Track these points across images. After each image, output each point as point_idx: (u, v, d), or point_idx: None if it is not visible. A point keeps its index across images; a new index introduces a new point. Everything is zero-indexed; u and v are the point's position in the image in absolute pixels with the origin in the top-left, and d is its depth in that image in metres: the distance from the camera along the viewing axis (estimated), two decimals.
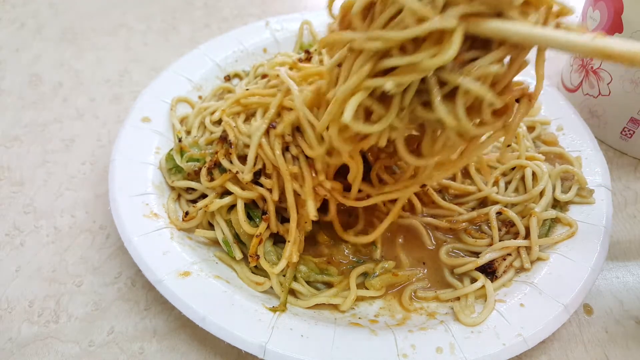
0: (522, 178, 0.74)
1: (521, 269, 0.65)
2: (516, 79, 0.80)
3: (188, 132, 0.79)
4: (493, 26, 0.46)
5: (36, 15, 1.13)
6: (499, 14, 0.46)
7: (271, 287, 0.63)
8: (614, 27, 0.75)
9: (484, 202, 0.74)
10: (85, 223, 0.73)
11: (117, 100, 0.94)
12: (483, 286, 0.62)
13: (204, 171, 0.70)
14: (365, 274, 0.66)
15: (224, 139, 0.70)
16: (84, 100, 0.93)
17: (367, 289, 0.64)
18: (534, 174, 0.73)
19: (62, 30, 1.10)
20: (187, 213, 0.68)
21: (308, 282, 0.65)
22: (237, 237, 0.66)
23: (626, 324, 0.63)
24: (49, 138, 0.86)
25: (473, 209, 0.73)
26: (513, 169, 0.75)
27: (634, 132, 0.81)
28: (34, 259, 0.69)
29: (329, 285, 0.65)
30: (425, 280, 0.66)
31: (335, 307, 0.62)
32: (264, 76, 0.84)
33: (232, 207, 0.68)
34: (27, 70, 0.99)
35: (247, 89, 0.75)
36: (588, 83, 0.84)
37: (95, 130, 0.87)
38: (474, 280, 0.63)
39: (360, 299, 0.63)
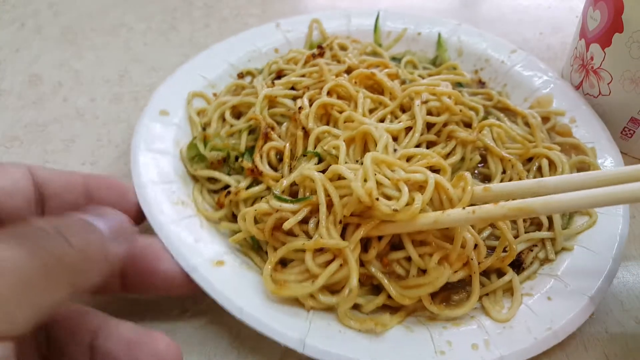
0: (539, 169, 0.73)
1: (545, 260, 0.65)
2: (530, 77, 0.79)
3: (206, 125, 0.79)
4: None
5: (36, 15, 1.13)
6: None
7: None
8: (614, 27, 0.75)
9: None
10: None
11: (117, 100, 0.94)
12: (510, 280, 0.62)
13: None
14: None
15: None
16: (84, 100, 0.93)
17: None
18: (551, 164, 0.72)
19: (62, 30, 1.10)
20: (219, 200, 0.67)
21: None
22: None
23: (626, 324, 0.62)
24: (49, 138, 0.86)
25: None
26: (530, 160, 0.75)
27: (634, 132, 0.81)
28: None
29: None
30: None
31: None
32: (279, 72, 0.85)
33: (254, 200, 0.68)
34: (27, 70, 0.99)
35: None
36: (588, 83, 0.84)
37: (95, 130, 0.87)
38: (500, 273, 0.63)
39: None
